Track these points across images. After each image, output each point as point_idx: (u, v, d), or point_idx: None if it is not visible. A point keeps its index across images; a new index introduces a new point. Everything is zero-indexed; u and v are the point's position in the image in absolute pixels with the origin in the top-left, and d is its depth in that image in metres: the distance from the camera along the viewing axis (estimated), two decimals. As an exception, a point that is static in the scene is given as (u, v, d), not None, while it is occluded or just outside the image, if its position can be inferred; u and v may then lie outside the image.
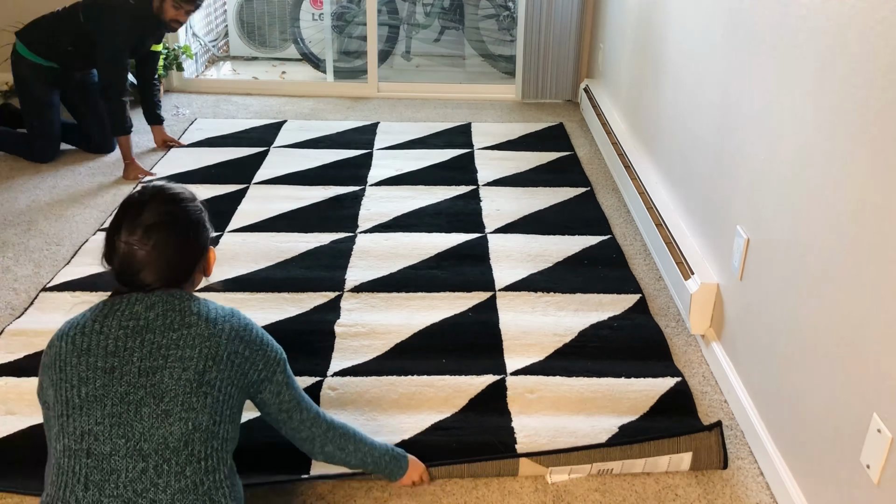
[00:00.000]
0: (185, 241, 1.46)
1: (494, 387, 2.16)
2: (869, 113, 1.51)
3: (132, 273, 1.42)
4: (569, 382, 2.18)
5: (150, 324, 1.37)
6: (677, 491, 1.86)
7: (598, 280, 2.71)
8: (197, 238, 1.49)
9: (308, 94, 4.68)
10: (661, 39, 3.06)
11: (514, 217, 3.16)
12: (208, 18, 5.33)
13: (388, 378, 2.19)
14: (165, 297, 1.41)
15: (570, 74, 4.58)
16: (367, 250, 2.87)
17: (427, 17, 5.47)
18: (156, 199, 1.45)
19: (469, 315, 2.49)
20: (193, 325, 1.39)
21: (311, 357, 2.27)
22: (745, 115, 2.15)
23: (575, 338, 2.39)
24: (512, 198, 3.33)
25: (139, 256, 1.41)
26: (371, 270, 2.74)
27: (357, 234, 2.99)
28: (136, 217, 1.42)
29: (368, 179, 3.47)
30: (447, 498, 1.83)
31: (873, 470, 1.47)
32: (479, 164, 3.68)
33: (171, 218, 1.44)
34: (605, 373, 2.22)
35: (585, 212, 3.23)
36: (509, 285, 2.66)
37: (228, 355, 1.41)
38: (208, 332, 1.39)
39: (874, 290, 1.48)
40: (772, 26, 2.00)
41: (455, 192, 3.37)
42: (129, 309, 1.38)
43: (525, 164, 3.70)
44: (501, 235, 3.01)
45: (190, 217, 1.48)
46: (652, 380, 2.20)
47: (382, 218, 3.12)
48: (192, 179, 3.44)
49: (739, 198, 2.18)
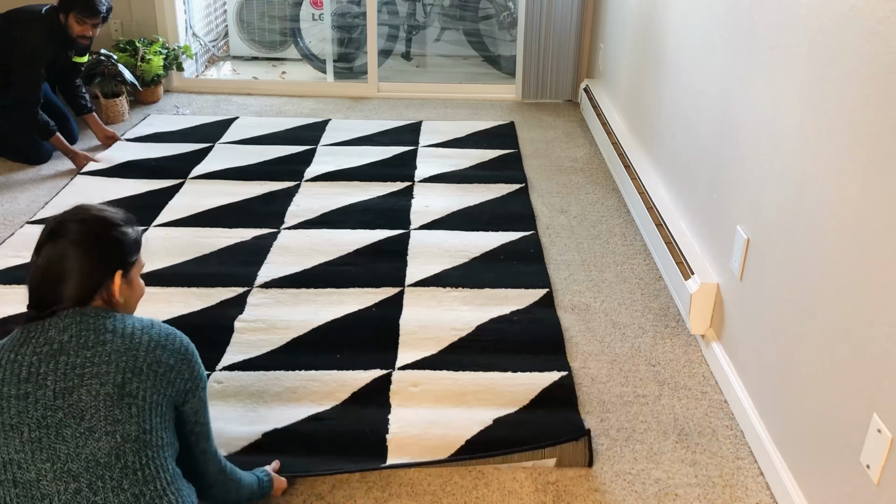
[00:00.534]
0: (83, 258, 1.40)
1: (380, 381, 2.20)
2: (869, 113, 1.51)
3: (40, 292, 1.39)
4: (454, 376, 2.22)
5: (63, 346, 1.34)
6: (677, 491, 1.86)
7: (509, 275, 2.74)
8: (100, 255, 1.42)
9: (308, 94, 4.68)
10: (662, 39, 3.06)
11: (441, 213, 3.18)
12: (208, 18, 5.32)
13: (276, 372, 2.22)
14: (79, 318, 1.37)
15: (570, 74, 4.58)
16: (287, 246, 2.89)
17: (427, 17, 5.47)
18: (70, 216, 1.43)
19: (373, 311, 2.51)
20: (108, 342, 1.35)
21: (203, 351, 2.29)
22: (745, 115, 2.15)
23: (471, 332, 2.42)
24: (445, 195, 3.36)
25: (44, 273, 1.38)
26: (286, 266, 2.76)
27: (281, 230, 3.01)
28: (49, 236, 1.40)
29: (305, 175, 3.49)
30: (447, 498, 1.83)
31: (873, 470, 1.47)
32: (420, 161, 3.69)
33: (77, 235, 1.40)
34: (494, 367, 2.26)
35: (514, 208, 3.24)
36: (419, 281, 2.69)
37: (149, 365, 1.37)
38: (125, 347, 1.36)
39: (874, 290, 1.48)
40: (772, 26, 2.00)
41: (389, 189, 3.38)
42: (44, 335, 1.35)
43: (467, 161, 3.71)
44: (425, 232, 3.03)
45: (100, 235, 1.43)
46: (537, 374, 2.23)
47: (310, 214, 3.14)
48: (129, 173, 3.46)
49: (739, 198, 2.18)
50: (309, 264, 2.77)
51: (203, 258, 2.79)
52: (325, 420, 2.04)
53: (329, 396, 2.13)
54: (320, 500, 1.81)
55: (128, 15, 4.46)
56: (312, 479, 1.87)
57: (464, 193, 3.37)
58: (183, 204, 3.19)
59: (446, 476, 1.89)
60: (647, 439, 2.03)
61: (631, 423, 2.08)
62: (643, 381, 2.24)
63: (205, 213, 3.12)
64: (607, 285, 2.73)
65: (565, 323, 2.50)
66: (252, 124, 4.11)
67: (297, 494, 1.83)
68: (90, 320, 1.37)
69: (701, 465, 1.95)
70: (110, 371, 1.33)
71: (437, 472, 1.90)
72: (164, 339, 1.41)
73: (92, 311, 1.39)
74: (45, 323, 1.37)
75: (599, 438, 2.02)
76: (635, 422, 2.09)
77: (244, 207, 3.18)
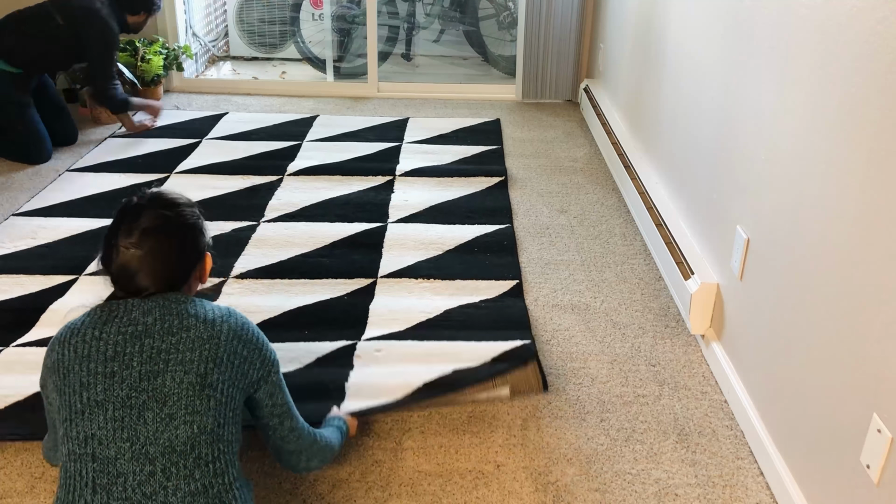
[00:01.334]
0: (181, 246, 1.47)
1: (345, 349, 2.24)
2: (869, 113, 1.51)
3: (129, 277, 1.42)
4: (419, 344, 2.27)
5: (147, 329, 1.37)
6: (677, 491, 1.86)
7: (481, 267, 2.76)
8: (194, 242, 1.50)
9: (308, 94, 4.68)
10: (661, 39, 3.06)
11: (420, 207, 3.20)
12: (208, 18, 5.32)
13: None
14: (162, 301, 1.41)
15: (570, 74, 4.58)
16: (265, 239, 2.91)
17: (427, 17, 5.47)
18: (153, 203, 1.46)
19: (344, 299, 2.54)
20: (192, 327, 1.39)
21: None
22: (746, 115, 2.15)
23: (440, 314, 2.45)
24: (425, 188, 3.37)
25: (136, 261, 1.41)
26: (262, 258, 2.78)
27: (260, 222, 3.04)
28: (134, 221, 1.43)
29: (288, 170, 3.51)
30: (447, 498, 1.83)
31: (873, 470, 1.47)
32: (403, 156, 3.71)
33: (167, 222, 1.45)
34: (458, 339, 2.30)
35: (492, 202, 3.26)
36: (392, 272, 2.71)
37: (228, 356, 1.41)
38: (207, 335, 1.40)
39: (874, 290, 1.48)
40: (772, 26, 2.00)
41: (370, 184, 3.40)
42: (127, 315, 1.38)
43: (449, 156, 3.73)
44: (402, 225, 3.05)
45: (186, 221, 1.49)
46: (501, 342, 2.27)
47: (290, 208, 3.16)
48: (116, 168, 3.49)
49: (739, 198, 2.18)
50: (285, 256, 2.80)
51: None
52: (289, 377, 2.10)
53: (294, 361, 2.19)
54: (320, 499, 1.82)
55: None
56: (313, 479, 1.87)
57: (443, 188, 3.39)
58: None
59: (446, 476, 1.89)
60: (647, 439, 2.03)
61: (631, 423, 2.08)
62: (643, 381, 2.24)
63: None
64: (607, 285, 2.73)
65: (565, 323, 2.50)
66: (241, 119, 4.14)
67: (297, 494, 1.83)
68: (172, 305, 1.41)
69: (701, 465, 1.95)
70: (194, 359, 1.36)
71: (437, 471, 1.90)
72: (240, 329, 1.45)
73: (173, 296, 1.43)
74: (127, 303, 1.40)
75: (599, 438, 2.02)
76: (635, 422, 2.09)
77: (226, 201, 3.21)
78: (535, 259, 2.88)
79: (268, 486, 1.85)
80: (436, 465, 1.93)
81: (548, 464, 1.94)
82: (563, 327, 2.48)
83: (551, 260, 2.88)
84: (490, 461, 1.94)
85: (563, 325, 2.49)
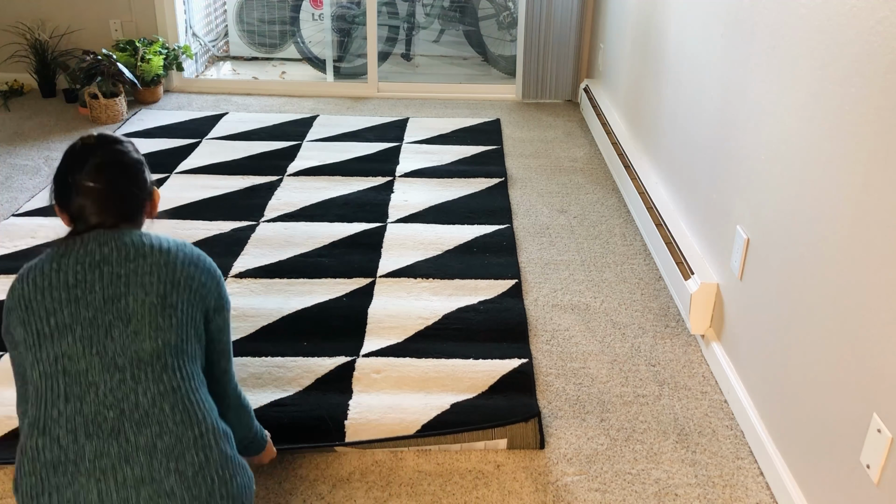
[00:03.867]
0: (135, 177, 1.53)
1: (343, 368, 2.23)
2: (869, 113, 1.52)
3: (90, 212, 1.47)
4: (416, 363, 2.25)
5: (105, 257, 1.43)
6: (677, 491, 1.86)
7: (480, 267, 2.76)
8: (145, 175, 1.57)
9: (308, 94, 4.68)
10: (661, 39, 3.06)
11: (420, 207, 3.21)
12: (208, 18, 5.32)
13: (242, 359, 2.25)
14: (117, 234, 1.47)
15: (570, 74, 4.58)
16: (264, 238, 2.92)
17: (427, 17, 5.47)
18: (102, 141, 1.53)
19: (343, 300, 2.54)
20: (148, 255, 1.45)
21: None
22: (745, 115, 2.15)
23: (438, 320, 2.45)
24: (425, 188, 3.38)
25: (95, 194, 1.47)
26: (261, 258, 2.79)
27: (260, 222, 3.04)
28: (87, 158, 1.48)
29: (288, 170, 3.51)
30: (447, 498, 1.83)
31: (873, 470, 1.47)
32: (403, 156, 3.71)
33: (122, 156, 1.52)
34: (456, 354, 2.29)
35: (492, 202, 3.27)
36: (391, 272, 2.72)
37: (185, 279, 1.47)
38: (163, 261, 1.46)
39: (874, 290, 1.48)
40: (772, 26, 2.00)
41: (370, 184, 3.41)
42: (84, 247, 1.44)
43: (449, 157, 3.73)
44: (401, 225, 3.05)
45: (136, 156, 1.56)
46: (498, 361, 2.26)
47: (290, 208, 3.17)
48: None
49: (739, 198, 2.18)
50: (284, 256, 2.81)
51: None
52: (287, 406, 2.08)
53: (293, 383, 2.17)
54: (320, 499, 1.82)
55: (128, 15, 4.46)
56: (313, 479, 1.87)
57: (443, 188, 3.40)
58: (166, 197, 3.23)
59: (446, 476, 1.89)
60: (647, 439, 2.03)
61: (631, 423, 2.08)
62: (643, 381, 2.24)
63: (186, 206, 3.16)
64: (607, 285, 2.73)
65: (565, 323, 2.50)
66: (241, 119, 4.14)
67: (297, 494, 1.83)
68: (126, 237, 1.47)
69: (701, 465, 1.95)
70: (153, 282, 1.43)
71: (437, 471, 1.90)
72: (195, 257, 1.52)
73: (126, 230, 1.49)
74: (83, 237, 1.46)
75: (599, 438, 2.02)
76: (635, 422, 2.09)
77: (226, 201, 3.21)
78: (535, 259, 2.88)
79: (268, 486, 1.85)
80: (436, 465, 1.93)
81: (548, 464, 1.94)
82: (563, 327, 2.48)
83: (551, 260, 2.88)
84: (490, 461, 1.94)
85: (563, 325, 2.49)
